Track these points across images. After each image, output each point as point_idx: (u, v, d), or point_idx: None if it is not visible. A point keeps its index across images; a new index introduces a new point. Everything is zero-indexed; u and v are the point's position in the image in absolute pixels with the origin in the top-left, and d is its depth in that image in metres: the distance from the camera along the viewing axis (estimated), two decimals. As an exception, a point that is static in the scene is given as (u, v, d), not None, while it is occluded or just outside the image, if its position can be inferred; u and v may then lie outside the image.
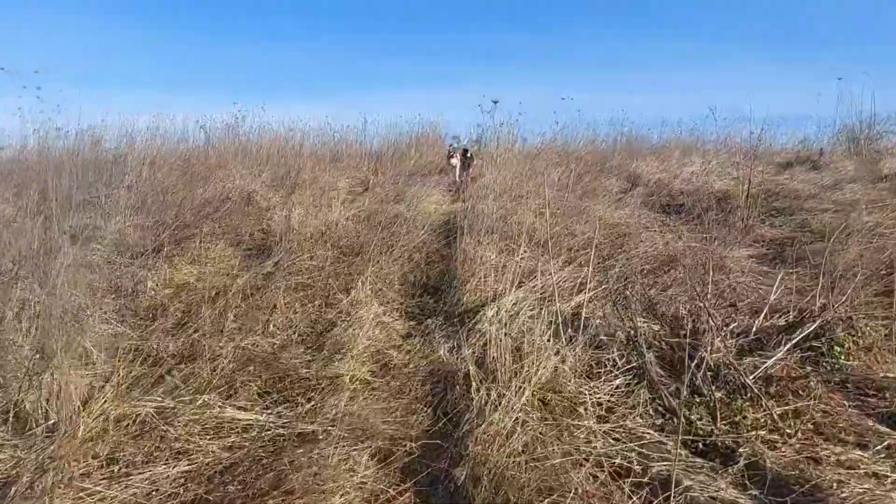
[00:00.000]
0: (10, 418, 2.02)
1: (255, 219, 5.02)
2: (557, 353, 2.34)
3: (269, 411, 2.19)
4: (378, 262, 3.68)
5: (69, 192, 4.41)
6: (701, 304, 2.52)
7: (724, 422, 2.03)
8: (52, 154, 5.65)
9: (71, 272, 2.76)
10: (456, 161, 7.91)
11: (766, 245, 4.63)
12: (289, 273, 3.35)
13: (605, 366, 2.38)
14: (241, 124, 8.15)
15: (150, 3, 22.08)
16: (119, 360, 2.30)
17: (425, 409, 2.24)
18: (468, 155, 8.01)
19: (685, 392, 2.07)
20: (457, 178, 7.81)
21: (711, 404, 2.08)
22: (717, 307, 2.67)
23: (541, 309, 2.62)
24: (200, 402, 2.16)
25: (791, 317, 2.74)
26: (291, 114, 14.48)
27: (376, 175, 8.66)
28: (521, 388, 2.11)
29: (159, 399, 2.16)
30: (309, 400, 2.27)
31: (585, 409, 2.11)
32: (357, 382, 2.42)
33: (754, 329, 2.62)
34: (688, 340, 2.29)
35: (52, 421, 1.99)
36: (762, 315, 2.71)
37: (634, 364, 2.37)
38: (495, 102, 4.25)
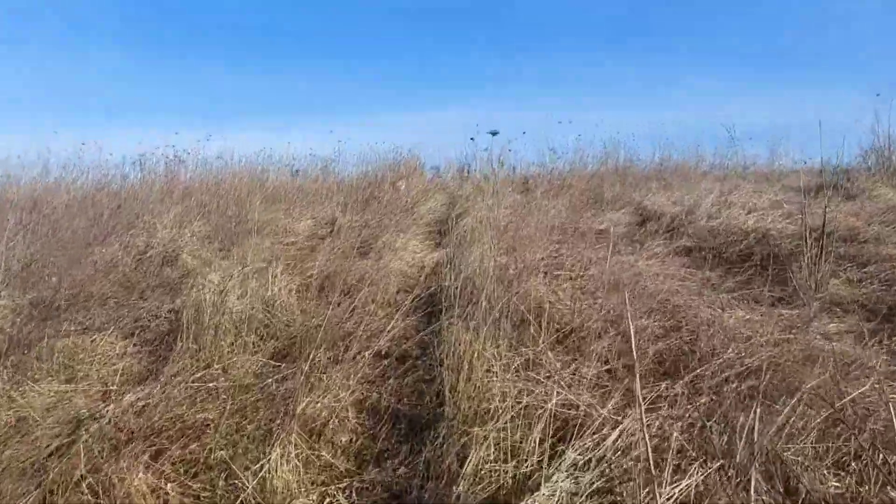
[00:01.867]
0: None
1: (171, 290, 3.72)
2: None
3: None
4: (322, 377, 2.41)
5: None
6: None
7: None
8: None
9: None
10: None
11: (853, 310, 3.49)
12: (168, 417, 2.05)
13: None
14: (185, 157, 6.89)
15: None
16: None
17: None
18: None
19: None
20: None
21: None
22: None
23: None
24: None
25: None
26: (254, 144, 13.21)
27: (345, 213, 7.43)
28: None
29: None
30: None
31: None
32: None
33: None
34: None
35: None
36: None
37: None
38: (494, 134, 2.99)
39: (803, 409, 1.86)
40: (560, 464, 1.59)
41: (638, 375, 1.44)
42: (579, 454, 1.61)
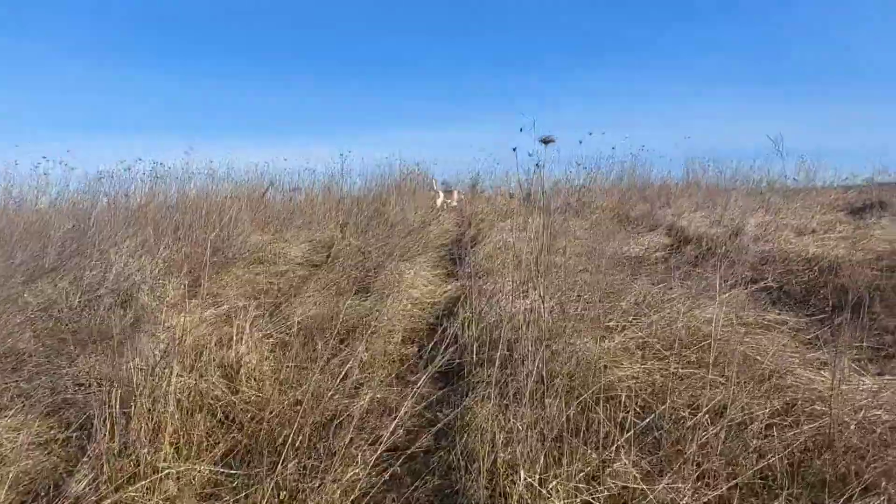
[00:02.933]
0: None
1: (119, 344, 2.93)
2: None
3: None
4: (298, 496, 1.62)
5: None
6: None
7: None
8: None
9: None
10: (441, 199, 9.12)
11: None
12: None
13: None
14: (163, 172, 6.14)
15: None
16: None
17: None
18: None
19: None
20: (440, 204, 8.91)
21: None
22: None
23: None
24: None
25: None
26: (247, 159, 12.49)
27: (345, 235, 6.67)
28: None
29: None
30: None
31: None
32: None
33: None
34: None
35: None
36: None
37: None
38: (547, 142, 2.15)
39: None
40: None
41: None
42: None
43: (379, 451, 1.83)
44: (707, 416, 1.99)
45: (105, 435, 1.82)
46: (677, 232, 6.63)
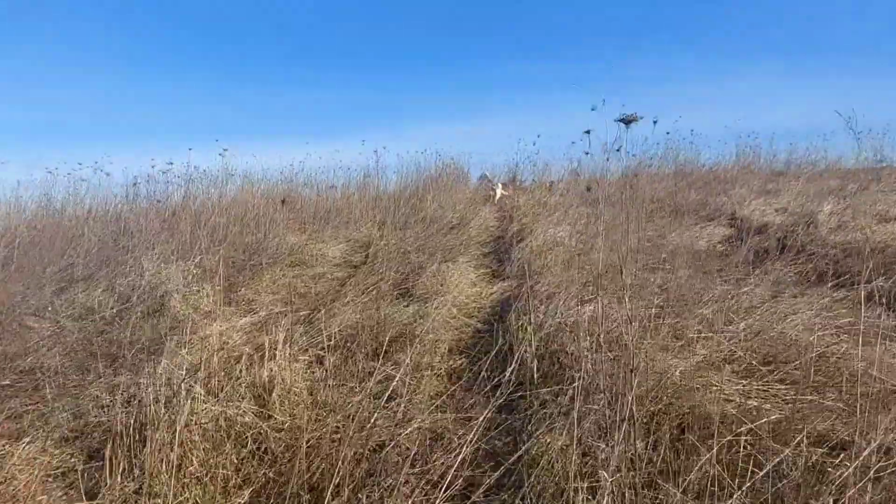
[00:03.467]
0: None
1: (149, 355, 2.75)
2: None
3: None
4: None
5: None
6: None
7: None
8: None
9: None
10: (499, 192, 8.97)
11: None
12: None
13: None
14: (196, 176, 6.03)
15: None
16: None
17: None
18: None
19: None
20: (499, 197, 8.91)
21: None
22: None
23: None
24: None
25: None
26: (280, 160, 12.37)
27: (383, 233, 6.42)
28: None
29: None
30: None
31: None
32: None
33: None
34: None
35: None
36: None
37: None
38: (628, 122, 1.77)
39: None
40: None
41: None
42: None
43: (438, 499, 1.53)
44: (833, 453, 1.60)
45: (119, 475, 1.59)
46: (741, 221, 6.08)
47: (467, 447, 1.73)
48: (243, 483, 1.78)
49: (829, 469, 1.53)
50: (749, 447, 1.64)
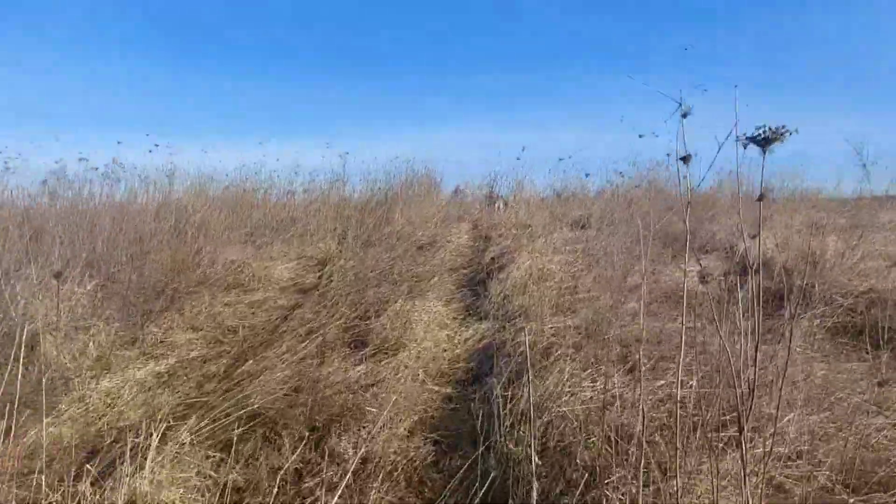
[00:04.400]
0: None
1: None
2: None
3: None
4: None
5: None
6: None
7: None
8: None
9: None
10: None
11: None
12: None
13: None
14: (118, 173, 5.04)
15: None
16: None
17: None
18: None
19: None
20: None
21: None
22: None
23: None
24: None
25: None
26: (233, 160, 11.20)
27: (341, 248, 5.62)
28: None
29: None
30: None
31: None
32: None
33: None
34: None
35: None
36: None
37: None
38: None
39: None
40: None
41: None
42: None
43: None
44: None
45: None
46: (739, 257, 5.53)
47: None
48: None
49: None
50: None
